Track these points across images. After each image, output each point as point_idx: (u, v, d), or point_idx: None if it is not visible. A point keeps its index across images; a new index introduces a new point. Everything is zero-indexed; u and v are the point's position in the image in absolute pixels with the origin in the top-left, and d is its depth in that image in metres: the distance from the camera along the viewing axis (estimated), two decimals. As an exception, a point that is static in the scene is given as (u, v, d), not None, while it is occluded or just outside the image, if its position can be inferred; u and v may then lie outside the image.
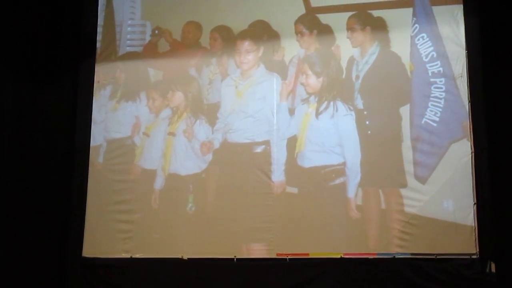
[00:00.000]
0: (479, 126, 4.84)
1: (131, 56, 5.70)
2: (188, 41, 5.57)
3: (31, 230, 5.18)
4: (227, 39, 5.44)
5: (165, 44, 5.62)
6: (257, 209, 5.08)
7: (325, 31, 5.23)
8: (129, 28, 5.76)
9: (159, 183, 5.34)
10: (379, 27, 5.13)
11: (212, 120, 5.35)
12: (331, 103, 5.10)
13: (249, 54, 5.33)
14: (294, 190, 5.07)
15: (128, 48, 5.73)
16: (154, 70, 5.62)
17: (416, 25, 5.06)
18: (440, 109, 4.94)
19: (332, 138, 5.06)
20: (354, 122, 5.03)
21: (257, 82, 5.30)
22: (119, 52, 5.73)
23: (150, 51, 5.65)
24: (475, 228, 4.72)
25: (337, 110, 5.08)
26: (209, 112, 5.38)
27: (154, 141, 5.46)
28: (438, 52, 4.98)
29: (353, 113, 5.05)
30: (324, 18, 5.25)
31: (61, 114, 5.56)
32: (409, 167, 4.87)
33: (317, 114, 5.12)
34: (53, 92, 5.56)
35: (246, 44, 5.36)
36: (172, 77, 5.56)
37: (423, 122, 4.94)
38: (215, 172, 5.26)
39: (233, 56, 5.39)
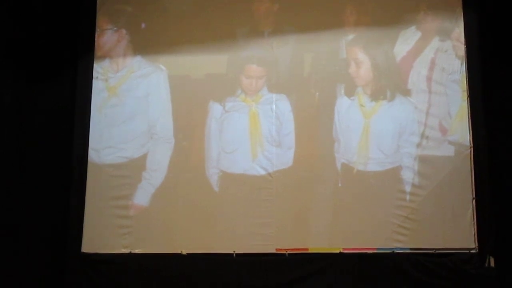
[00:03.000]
0: (478, 121, 4.85)
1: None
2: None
3: (30, 226, 5.17)
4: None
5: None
6: (256, 204, 5.07)
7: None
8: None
9: (158, 178, 5.34)
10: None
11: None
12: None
13: None
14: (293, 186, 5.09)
15: (127, 45, 5.74)
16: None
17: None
18: (439, 104, 4.95)
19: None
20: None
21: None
22: (118, 48, 5.74)
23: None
24: (474, 223, 4.74)
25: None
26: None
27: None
28: (436, 47, 5.00)
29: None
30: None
31: (60, 110, 5.54)
32: (409, 162, 4.88)
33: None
34: (52, 88, 5.54)
35: None
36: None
37: (421, 117, 4.96)
38: (214, 167, 5.28)
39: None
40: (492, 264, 4.64)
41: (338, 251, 4.89)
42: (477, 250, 4.69)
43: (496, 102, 4.84)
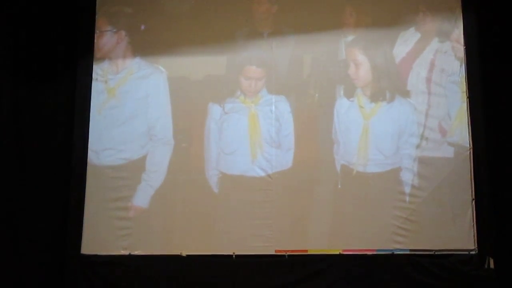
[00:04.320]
0: (477, 123, 4.86)
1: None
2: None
3: (30, 227, 5.17)
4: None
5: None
6: (256, 206, 5.07)
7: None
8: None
9: (158, 180, 5.33)
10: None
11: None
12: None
13: None
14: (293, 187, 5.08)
15: (126, 45, 5.74)
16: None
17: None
18: (438, 105, 4.95)
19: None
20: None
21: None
22: (117, 49, 5.73)
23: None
24: (473, 224, 4.74)
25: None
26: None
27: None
28: (436, 48, 5.00)
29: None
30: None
31: (59, 112, 5.54)
32: (409, 163, 4.88)
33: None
34: (51, 90, 5.54)
35: None
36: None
37: (421, 118, 4.96)
38: (214, 169, 5.27)
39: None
40: (492, 265, 4.64)
41: (337, 253, 4.90)
42: (476, 251, 4.70)
43: (496, 103, 4.84)
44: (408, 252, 4.78)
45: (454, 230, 4.74)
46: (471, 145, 4.83)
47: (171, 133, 5.38)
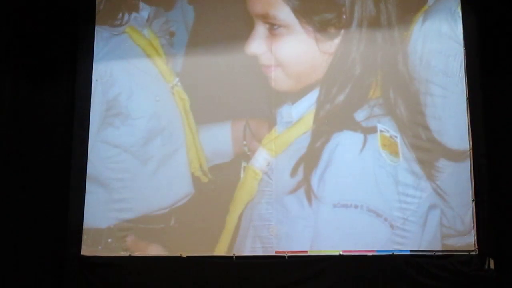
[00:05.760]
0: (477, 123, 4.84)
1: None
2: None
3: (29, 228, 5.18)
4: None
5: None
6: (256, 207, 5.06)
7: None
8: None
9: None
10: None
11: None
12: None
13: None
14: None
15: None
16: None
17: (414, 20, 5.09)
18: (438, 107, 4.93)
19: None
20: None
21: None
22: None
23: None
24: (474, 225, 4.73)
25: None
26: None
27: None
28: (435, 49, 4.98)
29: None
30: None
31: (59, 113, 5.55)
32: (407, 164, 4.87)
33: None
34: (51, 91, 5.55)
35: None
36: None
37: (421, 119, 4.95)
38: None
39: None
40: (492, 266, 4.63)
41: (337, 254, 4.89)
42: (477, 252, 4.68)
43: (496, 104, 4.83)
44: (408, 253, 4.77)
45: (454, 231, 4.73)
46: (471, 146, 4.82)
47: (171, 133, 5.37)
